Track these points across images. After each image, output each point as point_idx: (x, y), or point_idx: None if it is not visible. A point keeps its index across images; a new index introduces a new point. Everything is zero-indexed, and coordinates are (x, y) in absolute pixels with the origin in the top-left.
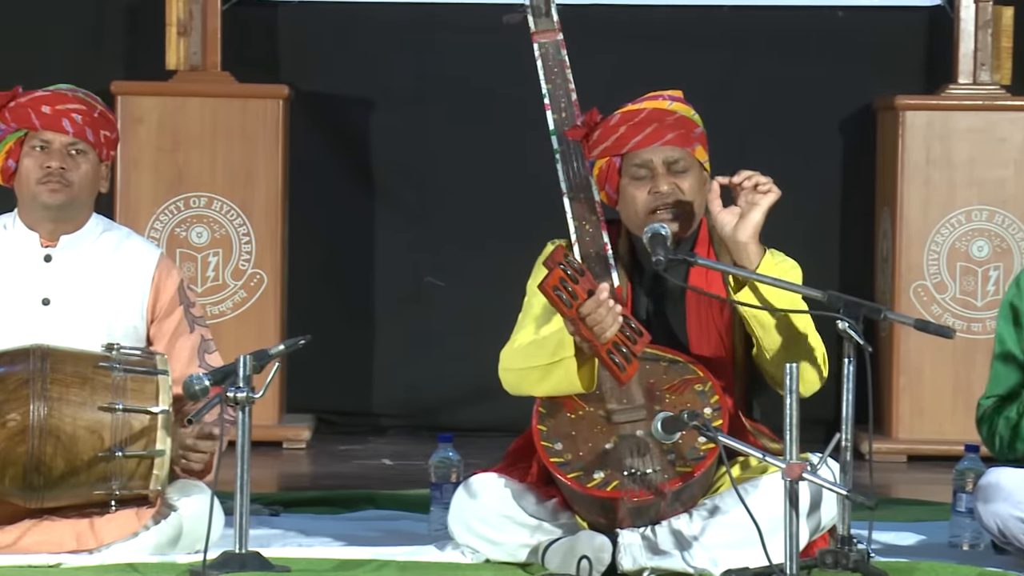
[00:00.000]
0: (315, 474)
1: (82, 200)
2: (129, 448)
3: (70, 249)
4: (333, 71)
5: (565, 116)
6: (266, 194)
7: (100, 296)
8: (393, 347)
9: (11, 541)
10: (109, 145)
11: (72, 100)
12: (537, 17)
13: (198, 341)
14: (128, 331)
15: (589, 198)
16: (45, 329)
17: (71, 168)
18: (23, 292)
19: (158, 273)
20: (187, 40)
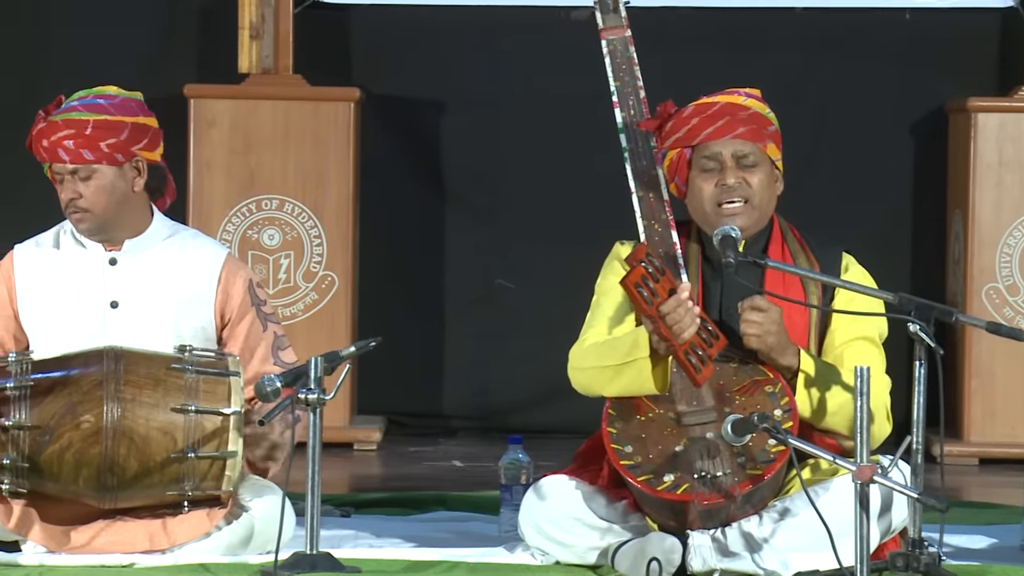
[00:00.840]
0: (385, 475)
1: (111, 215)
2: (201, 449)
3: (135, 253)
4: (404, 74)
5: (633, 113)
6: (337, 196)
7: (167, 298)
8: (463, 349)
9: (85, 541)
10: (120, 148)
11: (62, 127)
12: (605, 14)
13: (272, 339)
14: (196, 331)
15: (658, 197)
16: (113, 332)
17: (83, 194)
18: (91, 296)
19: (225, 273)
20: (259, 43)
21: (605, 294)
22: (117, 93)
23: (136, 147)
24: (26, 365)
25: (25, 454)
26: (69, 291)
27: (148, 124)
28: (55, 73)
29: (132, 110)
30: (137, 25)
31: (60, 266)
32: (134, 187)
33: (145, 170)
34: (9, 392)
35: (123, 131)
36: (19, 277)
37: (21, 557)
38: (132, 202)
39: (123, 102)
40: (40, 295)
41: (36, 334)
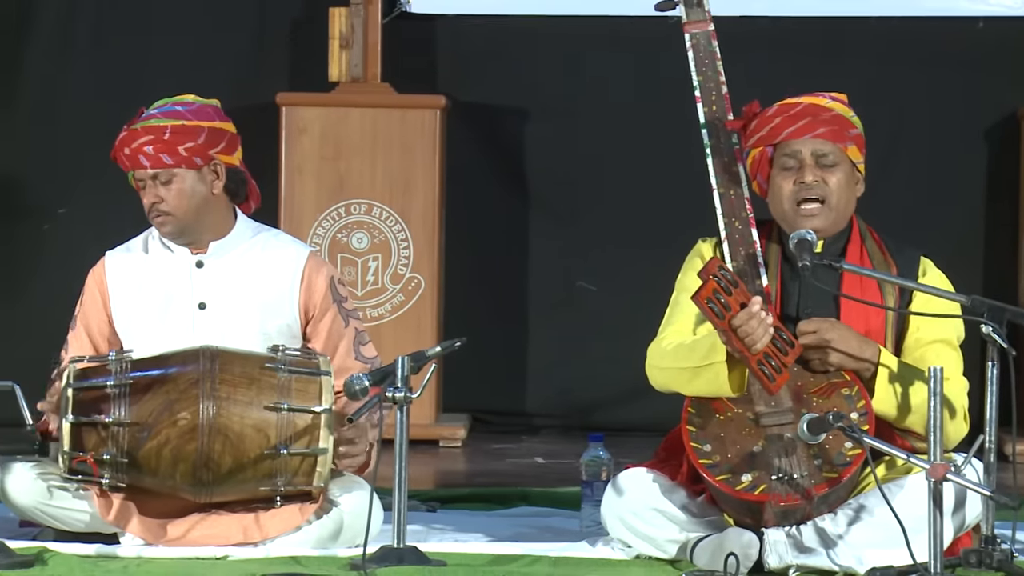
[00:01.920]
0: (470, 471)
1: (192, 218)
2: (293, 446)
3: (220, 255)
4: (488, 81)
5: (716, 109)
6: (424, 201)
7: (253, 297)
8: (546, 349)
9: (181, 534)
10: (198, 152)
11: (142, 133)
12: (689, 7)
13: (353, 334)
14: (282, 329)
15: (739, 194)
16: (203, 332)
17: (164, 198)
18: (179, 298)
19: (307, 271)
20: (349, 53)
21: (685, 291)
22: (194, 100)
23: (213, 150)
24: (125, 364)
25: (124, 450)
26: (158, 294)
27: (225, 128)
28: (152, 84)
29: (208, 115)
30: (231, 37)
31: (149, 270)
32: (213, 190)
33: (224, 173)
34: (109, 390)
35: (200, 135)
36: (111, 282)
37: (120, 549)
38: (213, 205)
39: (200, 108)
40: (131, 299)
41: (128, 336)
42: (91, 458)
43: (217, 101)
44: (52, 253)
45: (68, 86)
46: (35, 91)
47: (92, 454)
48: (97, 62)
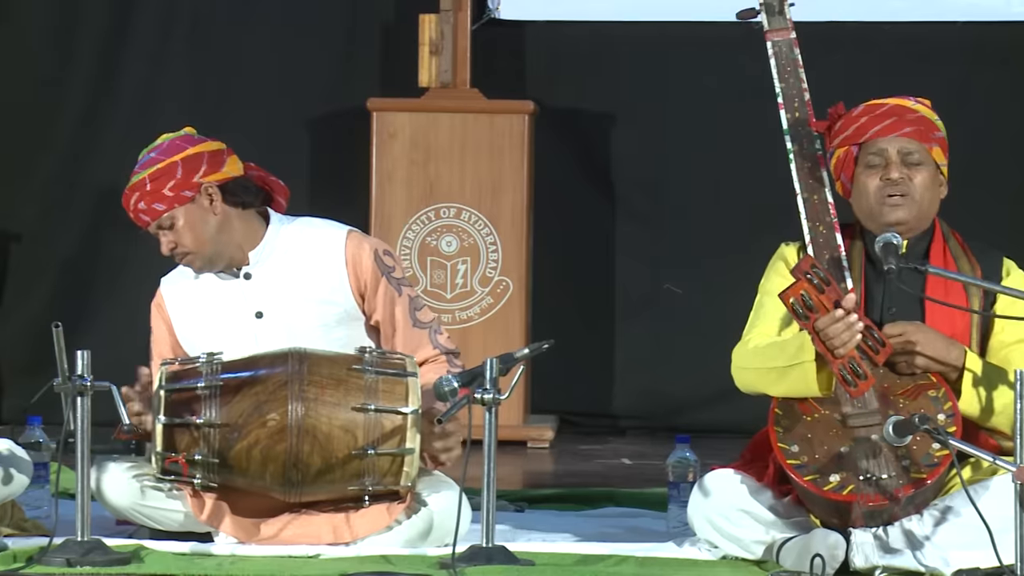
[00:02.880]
0: (558, 472)
1: (212, 246)
2: (381, 447)
3: (263, 261)
4: (576, 87)
5: (799, 115)
6: (512, 205)
7: (305, 293)
8: (632, 351)
9: (273, 533)
10: (182, 186)
11: (131, 193)
12: (771, 16)
13: (407, 302)
14: (341, 316)
15: (823, 199)
16: (267, 339)
17: (177, 241)
18: (236, 312)
19: (349, 251)
20: (438, 59)
21: (768, 295)
22: (164, 139)
23: (196, 177)
24: (216, 366)
25: (215, 450)
26: (216, 312)
27: (200, 151)
28: (244, 91)
29: (179, 147)
30: (323, 43)
31: (204, 290)
32: (215, 211)
33: (217, 192)
34: (200, 392)
35: (176, 170)
36: (170, 306)
37: (214, 547)
38: (226, 224)
39: (168, 144)
40: (192, 320)
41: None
42: (183, 458)
43: (190, 128)
44: (146, 257)
45: (163, 92)
46: (131, 98)
47: (184, 454)
48: (191, 69)
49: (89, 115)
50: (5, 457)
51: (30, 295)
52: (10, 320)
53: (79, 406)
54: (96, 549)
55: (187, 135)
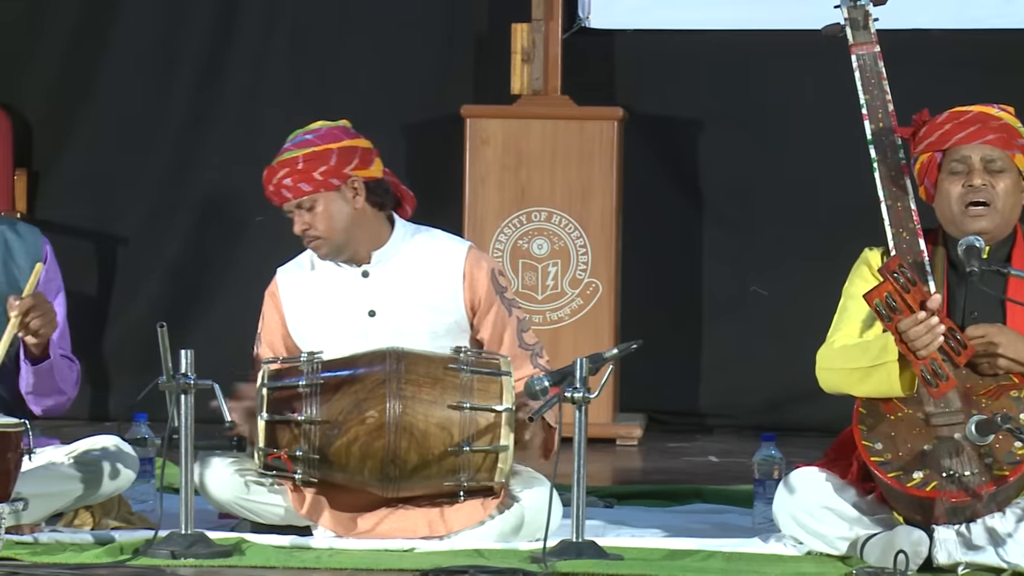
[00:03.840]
0: (646, 469)
1: (343, 237)
2: (476, 444)
3: (383, 263)
4: (664, 93)
5: (883, 125)
6: (601, 208)
7: (419, 299)
8: (719, 351)
9: (370, 527)
10: (333, 173)
11: (279, 168)
12: (855, 30)
13: (516, 323)
14: (450, 326)
15: (906, 206)
16: (376, 337)
17: (312, 223)
18: (350, 308)
19: (468, 266)
20: (530, 67)
21: (852, 298)
22: (321, 125)
23: (348, 168)
24: (316, 365)
25: (316, 446)
26: (330, 306)
27: (356, 145)
28: (342, 96)
29: (336, 136)
30: (419, 52)
31: (319, 284)
32: (356, 205)
33: (363, 188)
34: (301, 389)
35: (331, 157)
36: (285, 297)
37: (313, 541)
38: (361, 219)
39: (327, 131)
40: (305, 312)
41: (306, 347)
42: (284, 454)
43: (346, 121)
44: (248, 259)
45: (264, 98)
46: (233, 103)
47: (286, 450)
48: (291, 76)
49: (193, 119)
50: (112, 453)
51: (136, 296)
52: (117, 321)
53: (183, 403)
54: (199, 542)
55: (344, 126)
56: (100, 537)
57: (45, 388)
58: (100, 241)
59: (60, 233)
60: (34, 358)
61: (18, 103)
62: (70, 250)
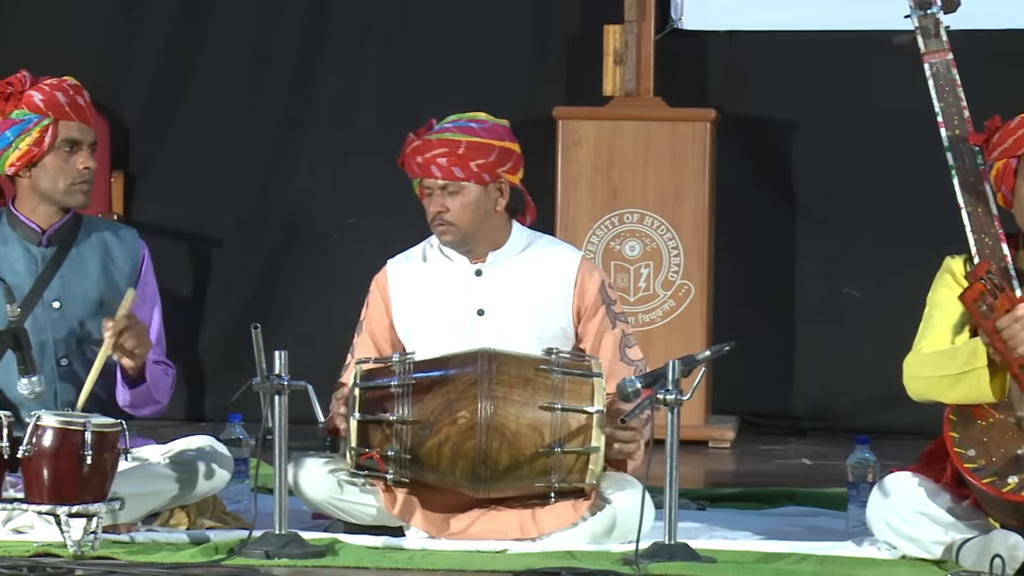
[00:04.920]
0: (738, 472)
1: (472, 230)
2: (567, 445)
3: (497, 264)
4: (757, 94)
5: (959, 132)
6: (694, 210)
7: (529, 303)
8: (812, 353)
9: (462, 528)
10: (488, 169)
11: (437, 145)
12: (927, 38)
13: (619, 336)
14: (556, 333)
15: (987, 211)
16: (481, 338)
17: (450, 208)
18: (459, 305)
19: (580, 276)
20: (623, 68)
21: (936, 306)
22: (487, 119)
23: (501, 169)
24: (408, 365)
25: (407, 447)
26: (438, 301)
27: (513, 149)
28: (435, 99)
29: (500, 135)
30: (512, 54)
31: (429, 278)
32: (496, 206)
33: (507, 191)
34: (393, 390)
35: (491, 153)
36: (393, 289)
37: (405, 541)
38: (493, 219)
39: (492, 127)
40: (412, 305)
41: (409, 341)
42: (377, 454)
43: (507, 121)
44: (340, 261)
45: (357, 102)
46: (326, 106)
47: (378, 450)
48: (384, 79)
49: (285, 123)
50: (207, 453)
51: (230, 298)
52: (211, 322)
53: (277, 404)
54: (293, 542)
55: (506, 127)
56: (195, 537)
57: (142, 402)
58: (195, 243)
59: (156, 235)
60: (131, 381)
61: (115, 106)
62: (166, 252)
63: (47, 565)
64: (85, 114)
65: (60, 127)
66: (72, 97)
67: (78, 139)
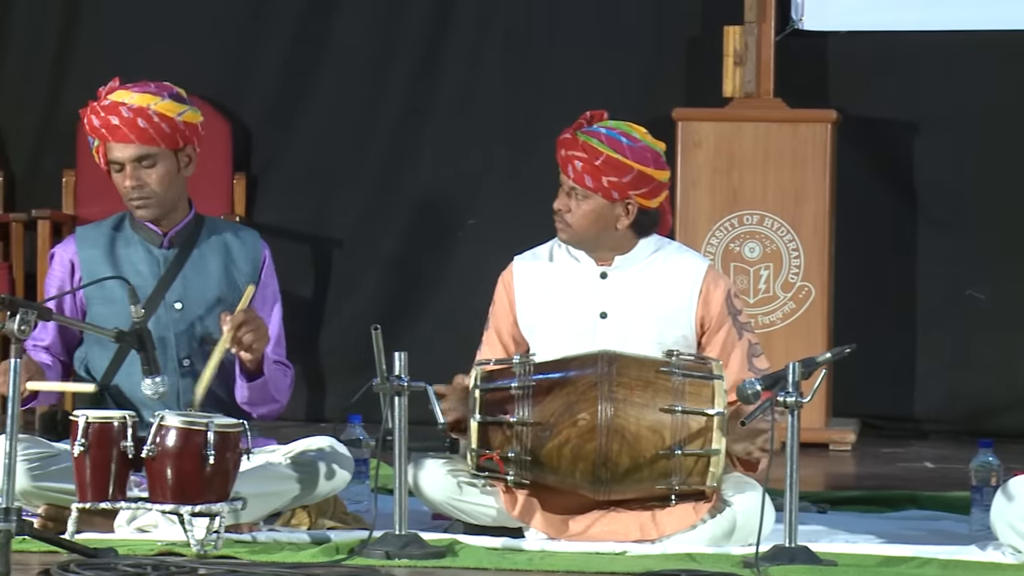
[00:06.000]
0: (859, 474)
1: (588, 237)
2: (687, 447)
3: (624, 268)
4: (878, 95)
5: None
6: (814, 211)
7: (652, 309)
8: (934, 355)
9: (582, 529)
10: (619, 188)
11: (579, 147)
12: None
13: (746, 346)
14: (678, 340)
15: None
16: (602, 340)
17: (571, 209)
18: (582, 306)
19: (705, 285)
20: (742, 69)
21: None
22: (641, 137)
23: (634, 192)
24: (528, 367)
25: (528, 448)
26: (562, 301)
27: (654, 176)
28: (557, 97)
29: (645, 159)
30: (631, 54)
31: (555, 277)
32: (618, 224)
33: (635, 213)
34: (514, 391)
35: (627, 175)
36: (518, 286)
37: (524, 543)
38: (612, 233)
39: (641, 148)
40: (536, 303)
41: (532, 338)
42: (497, 455)
43: (663, 146)
44: (461, 261)
45: (478, 101)
46: (448, 106)
47: (498, 452)
48: (505, 78)
49: (406, 123)
50: (328, 454)
51: (351, 298)
52: (332, 323)
53: (397, 405)
54: (413, 543)
55: (659, 152)
56: (316, 537)
57: (259, 399)
58: (316, 243)
59: (277, 236)
60: (249, 374)
61: (238, 108)
62: (287, 253)
63: (171, 564)
64: (121, 132)
65: (107, 148)
66: (104, 119)
67: (118, 159)
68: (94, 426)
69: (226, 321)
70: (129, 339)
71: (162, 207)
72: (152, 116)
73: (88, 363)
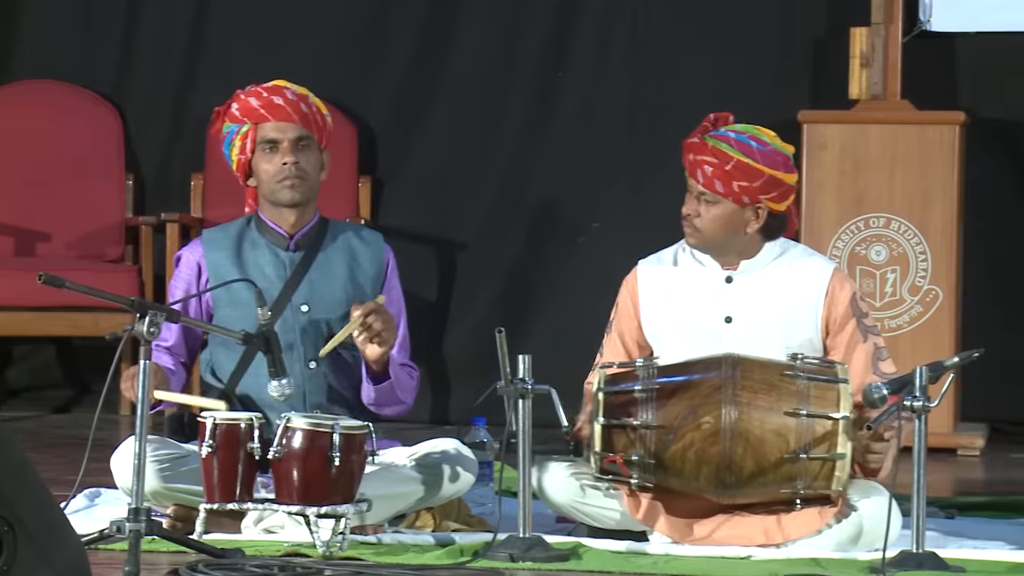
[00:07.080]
0: (988, 480)
1: (718, 241)
2: (813, 451)
3: (749, 272)
4: (1009, 97)
5: None
6: (942, 214)
7: (778, 312)
8: None
9: (706, 533)
10: (749, 192)
11: (709, 152)
12: None
13: (872, 350)
14: (804, 343)
15: None
16: (728, 344)
17: (701, 214)
18: (707, 310)
19: (831, 287)
20: (869, 71)
21: None
22: (771, 141)
23: (764, 196)
24: (652, 370)
25: (651, 451)
26: (687, 305)
27: (784, 180)
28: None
29: (775, 163)
30: (761, 56)
31: (679, 281)
32: (747, 228)
33: (764, 216)
34: (637, 394)
35: (758, 179)
36: (642, 290)
37: (648, 546)
38: (741, 237)
39: (771, 152)
40: (660, 307)
41: (657, 343)
42: (620, 459)
43: (792, 149)
44: (585, 264)
45: (601, 104)
46: (570, 107)
47: (621, 455)
48: (629, 82)
49: (531, 126)
50: (452, 456)
51: (475, 301)
52: (456, 325)
53: (521, 408)
54: (537, 545)
55: (788, 155)
56: (441, 539)
57: (386, 401)
58: (440, 246)
59: (402, 239)
60: (375, 376)
61: (364, 111)
62: (412, 256)
63: (297, 565)
64: (284, 112)
65: (258, 130)
66: (267, 99)
67: (275, 138)
68: (221, 427)
69: (357, 307)
70: (256, 341)
71: (311, 192)
72: (312, 106)
73: (214, 365)
